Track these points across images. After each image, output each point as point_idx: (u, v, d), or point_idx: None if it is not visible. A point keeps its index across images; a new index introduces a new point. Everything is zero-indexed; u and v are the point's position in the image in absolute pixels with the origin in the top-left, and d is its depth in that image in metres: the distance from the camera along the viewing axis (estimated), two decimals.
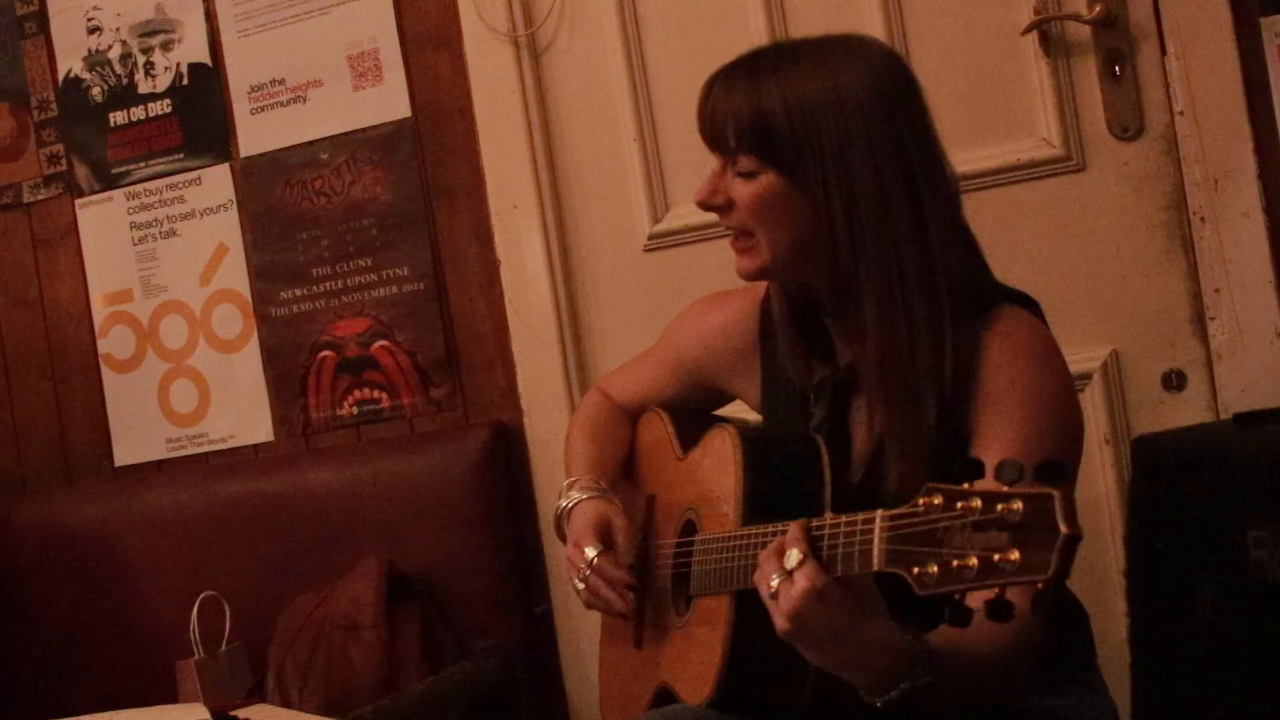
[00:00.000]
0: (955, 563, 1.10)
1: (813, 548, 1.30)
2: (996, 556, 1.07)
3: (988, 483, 1.11)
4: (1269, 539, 1.56)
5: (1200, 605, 1.64)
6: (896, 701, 1.31)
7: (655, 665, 1.73)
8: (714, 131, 1.60)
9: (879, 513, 1.22)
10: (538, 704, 2.65)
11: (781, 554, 1.32)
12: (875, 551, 1.21)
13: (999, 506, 1.08)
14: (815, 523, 1.32)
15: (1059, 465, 1.07)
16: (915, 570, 1.15)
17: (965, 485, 1.12)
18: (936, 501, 1.14)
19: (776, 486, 1.55)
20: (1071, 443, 1.54)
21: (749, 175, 1.56)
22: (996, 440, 1.48)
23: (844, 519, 1.27)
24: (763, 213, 1.56)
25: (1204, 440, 1.82)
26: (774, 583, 1.31)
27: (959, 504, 1.11)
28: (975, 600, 1.13)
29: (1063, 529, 1.04)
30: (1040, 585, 1.06)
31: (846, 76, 1.55)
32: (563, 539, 1.83)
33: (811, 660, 1.35)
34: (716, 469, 1.64)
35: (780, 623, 1.31)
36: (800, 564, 1.29)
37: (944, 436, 1.50)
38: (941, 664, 1.32)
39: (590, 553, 1.71)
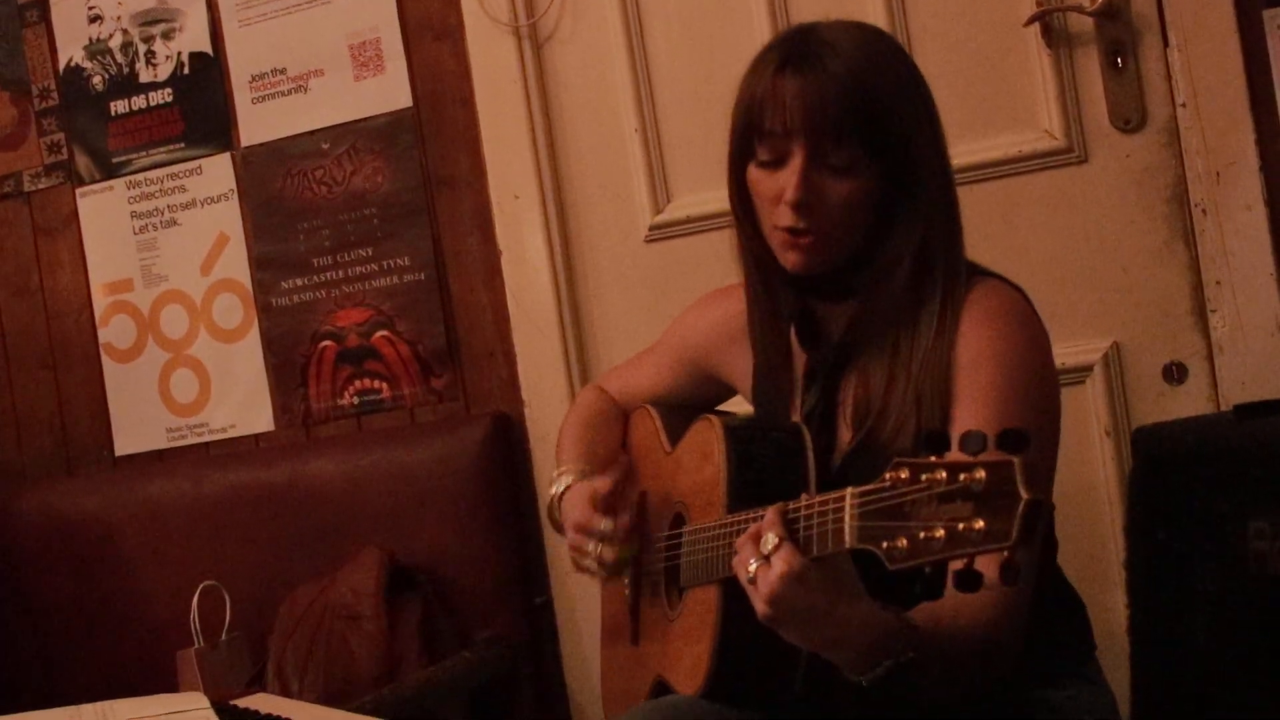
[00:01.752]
0: (923, 535, 1.10)
1: (789, 531, 1.31)
2: (961, 526, 1.07)
3: (953, 454, 1.11)
4: (1269, 530, 1.56)
5: (1200, 596, 1.64)
6: (881, 678, 1.32)
7: (651, 659, 1.73)
8: (810, 121, 1.49)
9: (849, 490, 1.22)
10: (538, 694, 2.65)
11: (758, 539, 1.32)
12: (846, 529, 1.21)
13: (962, 476, 1.08)
14: (792, 505, 1.33)
15: (1021, 433, 1.07)
16: (885, 545, 1.15)
17: (931, 458, 1.12)
18: (903, 475, 1.14)
19: (761, 474, 1.55)
20: (1043, 410, 1.54)
21: (846, 170, 1.51)
22: (967, 409, 1.49)
23: (818, 499, 1.28)
24: (855, 211, 1.53)
25: (1204, 432, 1.82)
26: (751, 568, 1.32)
27: (924, 476, 1.11)
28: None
29: (1023, 495, 1.04)
30: (1005, 553, 1.06)
31: (905, 62, 1.58)
32: (556, 528, 1.83)
33: (793, 642, 1.36)
34: (702, 460, 1.64)
35: (760, 607, 1.32)
36: (776, 548, 1.30)
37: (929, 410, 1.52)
38: (923, 640, 1.33)
39: (605, 525, 1.69)
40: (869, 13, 2.35)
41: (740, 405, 1.86)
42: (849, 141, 1.50)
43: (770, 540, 1.31)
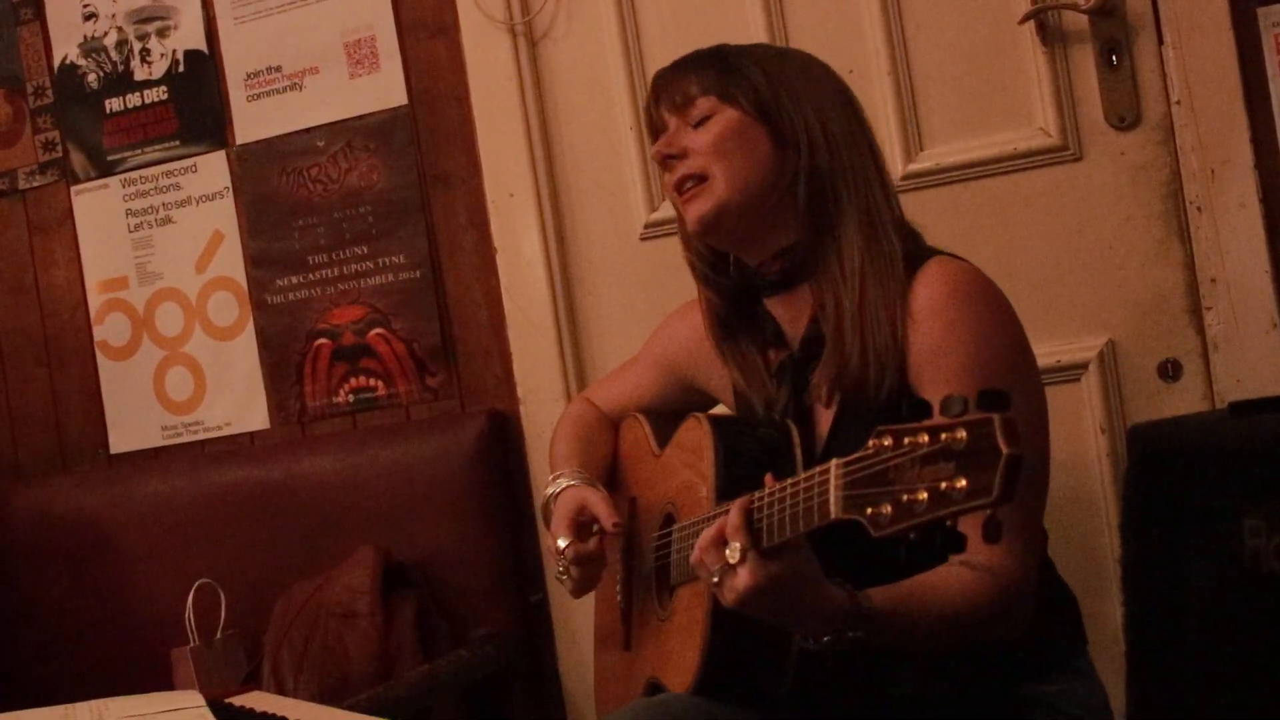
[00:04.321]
0: (906, 498, 1.10)
1: (752, 531, 1.32)
2: (944, 485, 1.07)
3: (935, 419, 1.11)
4: (1264, 527, 1.56)
5: (1195, 593, 1.64)
6: (826, 646, 1.37)
7: (644, 663, 1.73)
8: (672, 89, 1.66)
9: (834, 462, 1.22)
10: (532, 692, 2.65)
11: (722, 544, 1.34)
12: (832, 499, 1.21)
13: (944, 436, 1.08)
14: (757, 497, 1.34)
15: (1001, 393, 1.07)
16: (870, 511, 1.14)
17: (913, 423, 1.12)
18: (886, 442, 1.14)
19: (749, 469, 1.55)
20: (1018, 370, 1.55)
21: (704, 119, 1.63)
22: (939, 385, 1.50)
23: (801, 477, 1.27)
24: (722, 146, 1.62)
25: (1200, 429, 1.83)
26: (715, 579, 1.35)
27: (907, 440, 1.11)
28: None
29: (1004, 449, 1.03)
30: (989, 509, 1.05)
31: (814, 62, 1.70)
32: (548, 526, 1.84)
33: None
34: (691, 457, 1.65)
35: (724, 600, 1.36)
36: (741, 560, 1.32)
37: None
38: (876, 621, 1.37)
39: (561, 544, 1.74)
40: (863, 10, 2.35)
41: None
42: (701, 94, 1.64)
43: (736, 551, 1.32)
